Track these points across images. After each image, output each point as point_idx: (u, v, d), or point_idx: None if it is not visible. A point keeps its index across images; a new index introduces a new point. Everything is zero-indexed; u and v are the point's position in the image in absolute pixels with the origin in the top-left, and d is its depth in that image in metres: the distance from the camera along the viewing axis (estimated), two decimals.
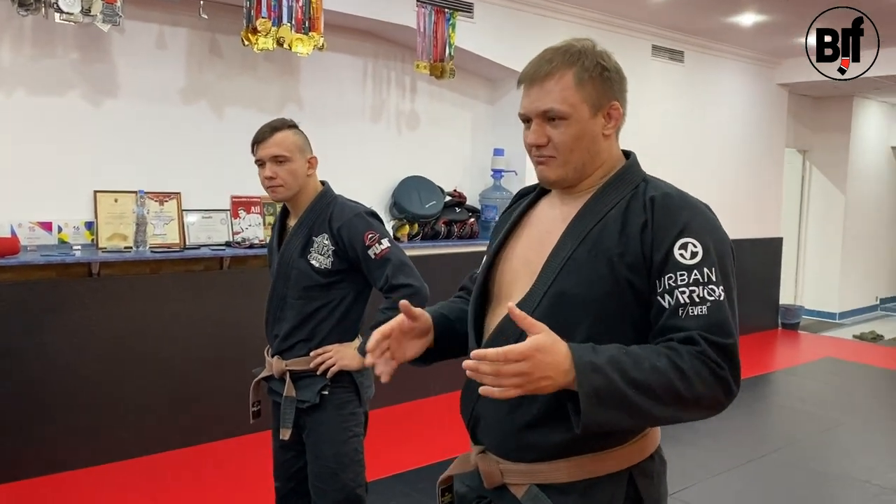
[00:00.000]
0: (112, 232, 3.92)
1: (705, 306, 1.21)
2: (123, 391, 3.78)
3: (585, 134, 1.32)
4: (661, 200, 1.28)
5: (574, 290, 1.28)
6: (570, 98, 1.30)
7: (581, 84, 1.31)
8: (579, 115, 1.31)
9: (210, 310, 4.07)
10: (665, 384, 1.15)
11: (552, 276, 1.31)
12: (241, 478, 3.66)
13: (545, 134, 1.33)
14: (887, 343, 7.47)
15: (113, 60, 3.93)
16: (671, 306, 1.22)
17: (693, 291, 1.22)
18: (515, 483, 1.34)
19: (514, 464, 1.34)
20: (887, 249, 9.67)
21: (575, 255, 1.30)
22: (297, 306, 2.23)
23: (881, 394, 5.66)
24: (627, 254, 1.26)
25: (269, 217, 4.53)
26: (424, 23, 4.68)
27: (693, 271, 1.23)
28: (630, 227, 1.28)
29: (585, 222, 1.32)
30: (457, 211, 5.19)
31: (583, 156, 1.33)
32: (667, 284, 1.23)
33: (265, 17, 3.94)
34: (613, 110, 1.34)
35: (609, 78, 1.33)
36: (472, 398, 1.40)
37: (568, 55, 1.32)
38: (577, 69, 1.31)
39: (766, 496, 3.67)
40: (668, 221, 1.26)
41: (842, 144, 8.65)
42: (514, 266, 1.42)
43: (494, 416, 1.36)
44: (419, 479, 3.64)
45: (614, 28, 5.57)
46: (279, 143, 2.21)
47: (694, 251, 1.24)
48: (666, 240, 1.25)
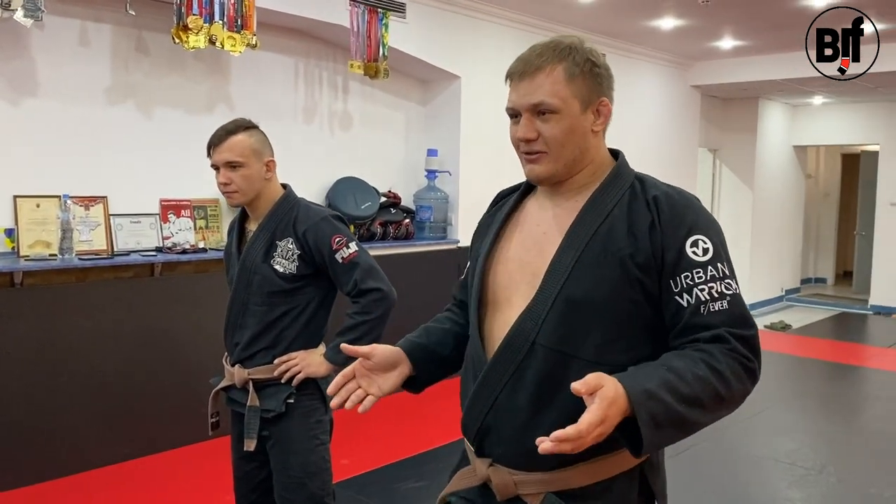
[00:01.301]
0: (34, 239, 3.71)
1: (725, 301, 1.22)
2: (51, 407, 3.58)
3: (576, 129, 1.31)
4: (665, 200, 1.28)
5: (587, 293, 1.27)
6: (561, 92, 1.29)
7: (572, 79, 1.30)
8: (570, 109, 1.30)
9: (142, 319, 3.90)
10: (710, 392, 1.16)
11: (561, 281, 1.28)
12: (186, 491, 3.54)
13: (535, 128, 1.31)
14: (795, 332, 7.90)
15: (32, 57, 3.71)
16: (691, 304, 1.22)
17: (712, 287, 1.22)
18: (530, 493, 1.31)
19: (530, 474, 1.31)
20: (791, 243, 10.23)
21: (583, 257, 1.28)
22: (259, 313, 2.16)
23: (796, 380, 5.97)
24: (638, 254, 1.25)
25: (200, 221, 4.38)
26: (358, 22, 4.63)
27: (708, 267, 1.23)
28: (637, 227, 1.27)
29: (589, 222, 1.30)
30: (392, 212, 5.16)
31: (573, 151, 1.32)
32: (684, 283, 1.23)
33: (196, 14, 3.81)
34: (603, 107, 1.34)
35: (599, 74, 1.33)
36: (481, 410, 1.35)
37: (558, 50, 1.31)
38: (567, 64, 1.30)
39: (702, 484, 3.82)
40: (675, 220, 1.26)
41: (749, 144, 9.09)
42: (509, 269, 1.39)
43: (510, 428, 1.32)
44: (367, 484, 3.61)
45: (542, 31, 5.66)
46: (232, 147, 2.13)
47: (705, 248, 1.25)
48: (676, 239, 1.25)
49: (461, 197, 5.46)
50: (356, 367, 1.38)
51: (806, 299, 10.22)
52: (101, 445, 3.73)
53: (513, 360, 1.31)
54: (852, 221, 10.80)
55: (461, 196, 5.46)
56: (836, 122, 9.72)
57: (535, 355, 1.29)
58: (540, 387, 1.29)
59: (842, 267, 11.59)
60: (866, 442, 4.55)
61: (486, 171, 5.46)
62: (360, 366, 1.39)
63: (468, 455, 1.43)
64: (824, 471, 3.94)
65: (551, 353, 1.28)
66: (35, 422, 3.53)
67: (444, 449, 3.86)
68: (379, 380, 1.40)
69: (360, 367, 1.39)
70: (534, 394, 1.30)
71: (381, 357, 1.40)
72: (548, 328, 1.28)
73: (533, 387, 1.30)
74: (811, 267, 11.29)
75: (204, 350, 3.96)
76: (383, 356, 1.41)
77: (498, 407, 1.33)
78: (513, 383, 1.31)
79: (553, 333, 1.28)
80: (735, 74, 7.63)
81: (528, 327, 1.30)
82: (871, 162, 9.78)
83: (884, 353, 7.00)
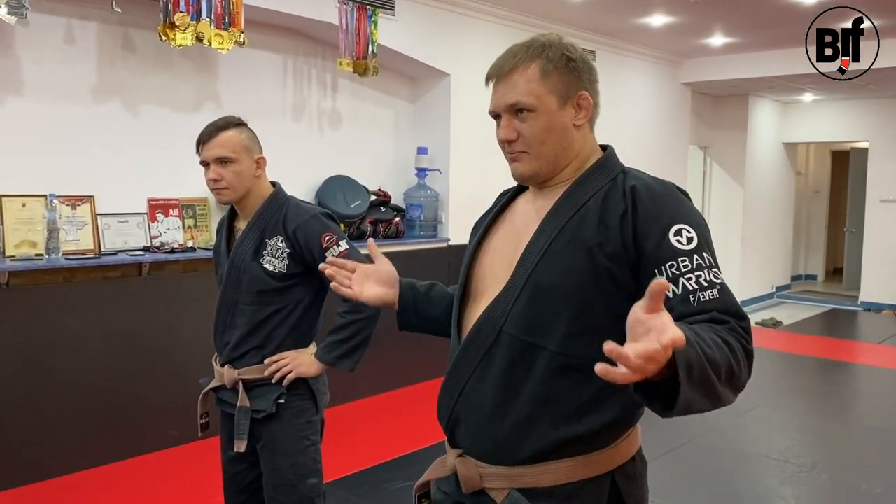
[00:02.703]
0: (20, 239, 3.66)
1: (715, 290, 1.17)
2: (38, 408, 3.54)
3: (555, 125, 1.31)
4: (644, 190, 1.26)
5: (552, 280, 1.26)
6: (536, 90, 1.29)
7: (546, 75, 1.29)
8: (546, 106, 1.29)
9: (130, 319, 3.86)
10: (725, 359, 1.08)
11: (530, 268, 1.29)
12: (175, 493, 3.50)
13: (514, 128, 1.31)
14: (786, 328, 7.92)
15: (17, 55, 3.66)
16: (678, 295, 1.17)
17: (699, 276, 1.17)
18: (495, 487, 1.31)
19: (496, 467, 1.31)
20: (780, 239, 10.25)
21: (552, 246, 1.28)
22: (249, 312, 2.13)
23: (787, 377, 5.98)
24: (607, 244, 1.23)
25: (188, 220, 4.34)
26: (346, 20, 4.61)
27: (694, 256, 1.19)
28: (609, 217, 1.25)
29: (562, 213, 1.30)
30: (382, 210, 5.14)
31: (554, 148, 1.32)
32: (669, 273, 1.18)
33: (183, 11, 3.77)
34: (583, 100, 1.32)
35: (575, 68, 1.32)
36: (451, 399, 1.36)
37: (532, 49, 1.31)
38: (541, 61, 1.30)
39: (694, 481, 3.81)
40: (655, 210, 1.23)
41: (739, 141, 9.10)
42: (490, 261, 1.41)
43: (477, 417, 1.33)
44: (357, 483, 3.59)
45: (532, 28, 5.64)
46: (223, 143, 2.11)
47: (689, 236, 1.21)
48: (655, 228, 1.21)
49: (451, 195, 5.43)
50: (361, 265, 1.56)
51: (796, 296, 10.25)
52: (88, 446, 3.69)
53: (481, 347, 1.32)
54: (842, 218, 10.83)
55: (451, 194, 5.43)
56: (826, 120, 9.75)
57: (502, 343, 1.30)
58: (506, 375, 1.30)
59: (832, 264, 11.64)
60: (857, 438, 4.56)
61: (476, 168, 5.43)
62: (364, 267, 1.56)
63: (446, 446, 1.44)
64: (815, 467, 3.94)
65: (517, 341, 1.28)
66: (21, 423, 3.49)
67: (433, 449, 3.81)
68: (367, 285, 1.55)
69: (363, 268, 1.56)
70: (500, 382, 1.30)
71: (382, 268, 1.57)
72: (515, 316, 1.29)
73: (499, 375, 1.30)
74: (801, 264, 11.33)
75: (192, 350, 3.93)
76: (382, 269, 1.57)
77: (466, 396, 1.34)
78: (480, 371, 1.32)
79: (520, 321, 1.28)
80: (725, 71, 7.63)
81: (497, 314, 1.31)
82: (860, 159, 9.81)
83: (874, 350, 7.02)
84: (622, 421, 1.31)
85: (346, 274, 1.54)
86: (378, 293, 1.55)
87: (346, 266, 1.54)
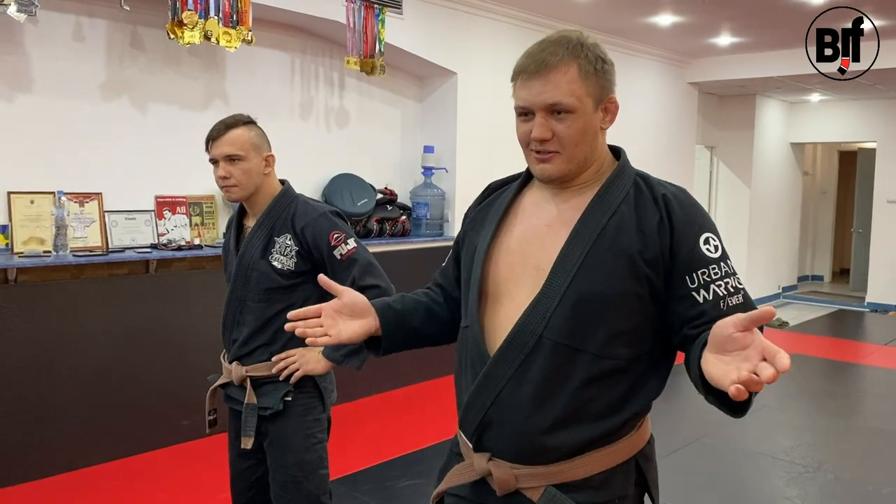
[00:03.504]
0: (28, 235, 3.68)
1: (740, 295, 1.27)
2: (46, 404, 3.56)
3: (589, 128, 1.30)
4: (674, 199, 1.30)
5: (596, 288, 1.27)
6: (578, 91, 1.27)
7: (586, 77, 1.28)
8: (585, 108, 1.29)
9: (137, 316, 3.88)
10: None
11: (569, 275, 1.28)
12: (183, 488, 3.51)
13: (550, 128, 1.28)
14: (792, 329, 7.89)
15: (26, 53, 3.68)
16: (709, 300, 1.25)
17: (727, 283, 1.27)
18: (531, 486, 1.31)
19: (531, 467, 1.31)
20: (787, 240, 10.23)
21: (593, 251, 1.28)
22: (257, 310, 2.14)
23: (794, 377, 5.95)
24: (647, 250, 1.27)
25: (195, 217, 4.36)
26: (354, 18, 4.61)
27: (721, 264, 1.28)
28: (646, 224, 1.28)
29: (596, 218, 1.30)
30: (388, 209, 5.14)
31: (585, 151, 1.32)
32: (701, 279, 1.26)
33: (191, 9, 3.78)
34: (611, 104, 1.33)
35: (607, 71, 1.32)
36: (483, 404, 1.34)
37: (570, 47, 1.28)
38: (581, 61, 1.28)
39: (700, 480, 3.81)
40: (686, 219, 1.29)
41: (746, 141, 9.08)
42: (510, 262, 1.37)
43: (513, 421, 1.32)
44: (362, 481, 3.60)
45: (540, 27, 5.64)
46: (232, 141, 2.12)
47: (716, 245, 1.29)
48: (688, 237, 1.27)
49: (458, 194, 5.44)
50: (325, 305, 1.40)
51: (803, 297, 10.23)
52: (96, 442, 3.70)
53: (519, 353, 1.31)
54: (849, 219, 10.80)
55: (458, 193, 5.44)
56: (833, 120, 9.72)
57: (542, 349, 1.29)
58: (545, 380, 1.29)
59: (839, 264, 11.60)
60: (863, 439, 4.55)
61: (482, 167, 5.43)
62: (330, 305, 1.40)
63: (462, 451, 1.42)
64: (822, 468, 3.93)
65: (558, 346, 1.28)
66: (28, 418, 3.51)
67: (438, 447, 3.84)
68: (342, 324, 1.40)
69: (328, 307, 1.40)
70: (539, 387, 1.30)
71: (348, 300, 1.41)
72: (556, 322, 1.28)
73: (538, 380, 1.30)
74: (808, 264, 11.29)
75: (199, 347, 3.95)
76: (350, 300, 1.41)
77: (501, 400, 1.33)
78: (518, 377, 1.31)
79: (561, 327, 1.28)
80: (733, 71, 7.61)
81: (536, 321, 1.30)
82: (868, 159, 9.78)
83: (881, 351, 7.00)
84: (645, 410, 1.37)
85: (313, 323, 1.39)
86: (356, 328, 1.41)
87: (307, 314, 1.39)
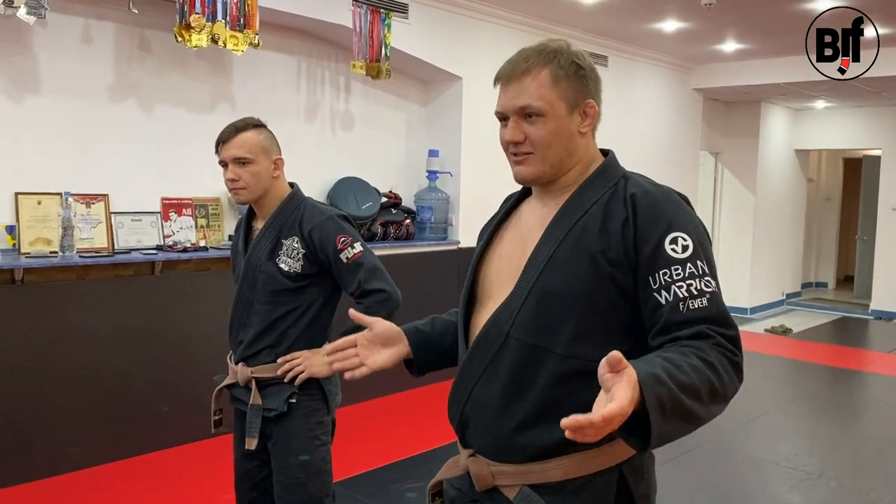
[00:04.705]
0: (35, 236, 3.70)
1: (704, 298, 1.20)
2: (52, 404, 3.58)
3: (562, 131, 1.33)
4: (643, 197, 1.28)
5: (558, 286, 1.29)
6: (547, 95, 1.31)
7: (557, 81, 1.31)
8: (556, 111, 1.31)
9: (142, 317, 3.90)
10: (706, 383, 1.12)
11: (535, 274, 1.31)
12: (186, 489, 3.53)
13: (522, 131, 1.33)
14: (796, 336, 7.89)
15: (35, 55, 3.71)
16: (669, 301, 1.21)
17: (690, 285, 1.21)
18: (507, 484, 1.34)
19: (506, 465, 1.34)
20: (791, 246, 10.22)
21: (557, 252, 1.30)
22: (263, 311, 2.16)
23: (796, 384, 5.97)
24: (609, 250, 1.26)
25: (201, 219, 4.38)
26: (360, 23, 4.64)
27: (687, 265, 1.22)
28: (611, 224, 1.28)
29: (566, 219, 1.33)
30: (393, 212, 5.16)
31: (560, 153, 1.34)
32: (662, 280, 1.22)
33: (199, 12, 3.81)
34: (589, 108, 1.35)
35: (584, 76, 1.34)
36: (460, 401, 1.39)
37: (544, 54, 1.33)
38: (553, 67, 1.32)
39: (702, 487, 3.81)
40: (652, 217, 1.26)
41: (751, 147, 9.09)
42: (497, 266, 1.43)
43: (484, 418, 1.36)
44: (364, 484, 3.61)
45: (545, 33, 5.66)
46: (242, 144, 2.14)
47: (685, 245, 1.24)
48: (653, 235, 1.24)
49: (462, 198, 5.46)
50: (359, 336, 1.49)
51: (807, 303, 10.22)
52: (100, 442, 3.72)
53: (487, 351, 1.35)
54: (854, 226, 10.79)
55: (462, 197, 5.46)
56: (838, 127, 9.72)
57: (509, 347, 1.33)
58: (513, 379, 1.33)
59: (843, 271, 11.59)
60: (866, 446, 4.54)
61: (486, 172, 5.45)
62: (363, 336, 1.49)
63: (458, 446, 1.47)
64: (824, 475, 3.93)
65: (524, 345, 1.31)
66: (34, 418, 3.53)
67: (442, 450, 3.85)
68: (375, 354, 1.49)
69: (361, 338, 1.49)
70: (506, 386, 1.33)
71: (379, 330, 1.51)
72: (521, 321, 1.31)
73: (506, 379, 1.33)
74: (812, 271, 11.28)
75: (204, 348, 3.96)
76: (382, 330, 1.51)
77: (474, 398, 1.37)
78: (487, 375, 1.35)
79: (526, 326, 1.31)
80: (737, 78, 7.62)
81: (503, 320, 1.33)
82: (873, 166, 9.78)
83: (884, 358, 6.99)
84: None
85: (350, 353, 1.48)
86: (389, 356, 1.50)
87: (345, 345, 1.48)
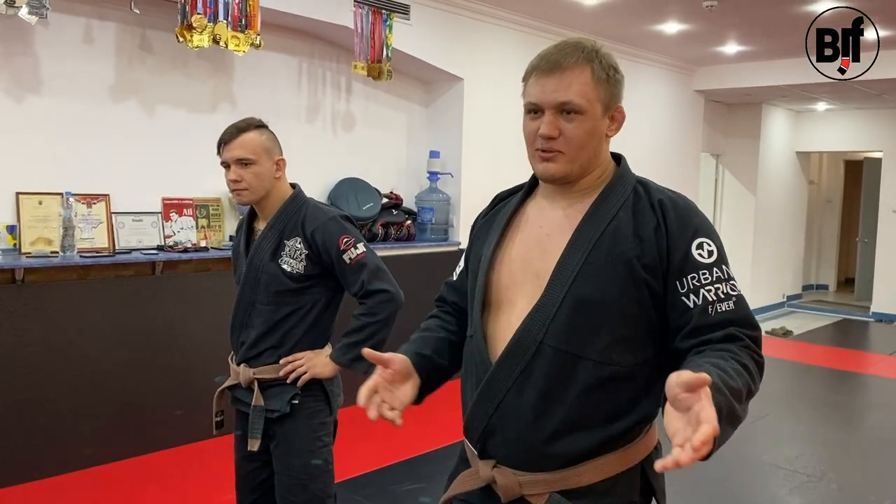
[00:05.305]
0: (36, 236, 3.70)
1: (731, 301, 1.25)
2: (52, 403, 3.57)
3: (595, 132, 1.32)
4: (671, 204, 1.30)
5: (594, 294, 1.28)
6: (589, 94, 1.30)
7: (599, 82, 1.31)
8: (594, 112, 1.30)
9: (143, 317, 3.89)
10: (745, 384, 1.15)
11: (568, 282, 1.29)
12: (187, 490, 3.52)
13: (558, 127, 1.30)
14: (797, 338, 7.88)
15: (36, 54, 3.70)
16: (698, 305, 1.24)
17: (718, 289, 1.25)
18: (535, 493, 1.32)
19: (535, 474, 1.31)
20: (792, 249, 10.22)
21: (591, 258, 1.29)
22: (265, 312, 2.15)
23: (797, 386, 5.96)
24: (644, 255, 1.27)
25: (202, 220, 4.37)
26: (362, 23, 4.63)
27: (713, 269, 1.26)
28: (643, 230, 1.29)
29: (594, 225, 1.31)
30: (394, 213, 5.15)
31: (589, 154, 1.33)
32: (691, 284, 1.25)
33: (201, 13, 3.81)
34: (618, 113, 1.35)
35: (618, 80, 1.35)
36: (486, 412, 1.35)
37: (586, 52, 1.31)
38: (595, 66, 1.31)
39: (703, 489, 3.80)
40: (681, 223, 1.28)
41: (752, 149, 9.09)
42: (512, 270, 1.38)
43: (515, 428, 1.32)
44: (365, 485, 3.60)
45: (547, 34, 5.65)
46: (244, 144, 2.13)
47: (710, 250, 1.28)
48: (682, 241, 1.27)
49: (463, 199, 5.45)
50: (377, 380, 1.33)
51: (807, 306, 10.21)
52: (102, 443, 3.71)
53: (520, 360, 1.31)
54: (855, 228, 10.78)
55: (463, 198, 5.45)
56: (839, 129, 9.72)
57: (543, 355, 1.30)
58: (547, 387, 1.30)
59: (843, 274, 11.58)
60: (867, 449, 4.54)
61: (487, 173, 5.45)
62: (381, 378, 1.33)
63: (469, 458, 1.42)
64: (825, 477, 3.93)
65: (558, 353, 1.29)
66: (34, 419, 3.52)
67: (442, 451, 3.85)
68: (398, 392, 1.36)
69: (381, 381, 1.33)
70: (541, 394, 1.30)
71: (399, 366, 1.37)
72: (555, 328, 1.29)
73: (540, 387, 1.30)
74: (813, 273, 11.28)
75: (204, 349, 3.96)
76: (402, 365, 1.38)
77: (504, 408, 1.33)
78: (519, 384, 1.31)
79: (561, 334, 1.29)
80: (739, 80, 7.62)
81: (536, 327, 1.30)
82: (874, 169, 9.77)
83: (885, 361, 6.98)
84: (651, 416, 1.35)
85: (379, 400, 1.32)
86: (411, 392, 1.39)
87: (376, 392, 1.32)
